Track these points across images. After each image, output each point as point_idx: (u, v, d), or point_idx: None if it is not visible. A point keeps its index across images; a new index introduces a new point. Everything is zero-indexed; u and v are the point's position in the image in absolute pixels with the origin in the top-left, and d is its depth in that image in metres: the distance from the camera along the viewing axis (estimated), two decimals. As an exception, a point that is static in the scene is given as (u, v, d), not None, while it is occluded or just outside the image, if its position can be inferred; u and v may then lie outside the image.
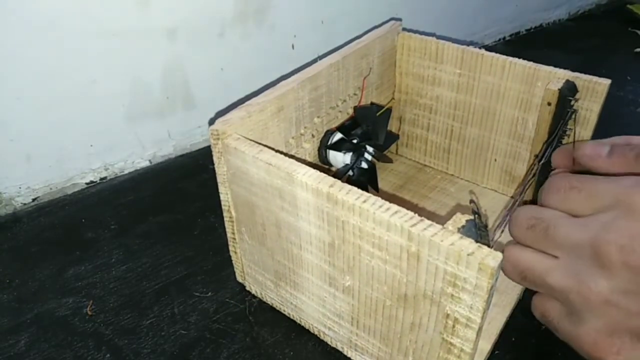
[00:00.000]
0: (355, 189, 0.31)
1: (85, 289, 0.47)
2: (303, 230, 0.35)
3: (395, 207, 0.29)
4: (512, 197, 0.55)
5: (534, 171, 0.46)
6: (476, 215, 0.29)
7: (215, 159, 0.39)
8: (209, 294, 0.46)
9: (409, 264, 0.29)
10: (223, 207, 0.42)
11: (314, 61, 0.48)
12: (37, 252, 0.52)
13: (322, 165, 0.52)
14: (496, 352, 0.40)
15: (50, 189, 0.59)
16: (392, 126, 0.60)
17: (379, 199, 0.30)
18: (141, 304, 0.46)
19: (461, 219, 0.28)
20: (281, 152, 0.35)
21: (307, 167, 0.33)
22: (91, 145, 0.60)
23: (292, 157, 0.34)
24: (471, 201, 0.52)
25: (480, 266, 0.25)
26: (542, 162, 0.45)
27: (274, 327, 0.43)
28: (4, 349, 0.42)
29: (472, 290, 0.27)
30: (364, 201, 0.30)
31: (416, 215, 0.28)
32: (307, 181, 0.32)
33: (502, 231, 0.36)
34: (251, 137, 0.38)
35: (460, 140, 0.56)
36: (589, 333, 0.32)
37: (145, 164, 0.65)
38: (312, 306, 0.40)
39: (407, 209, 0.29)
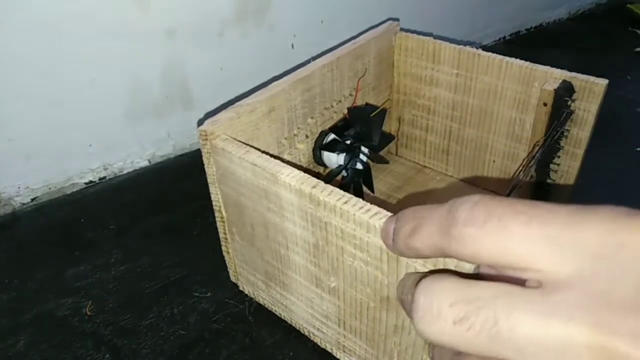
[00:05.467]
0: (337, 190, 0.31)
1: (84, 289, 0.47)
2: (289, 231, 0.35)
3: (375, 209, 0.29)
4: (500, 194, 0.55)
5: (524, 171, 0.46)
6: None
7: (204, 159, 0.39)
8: (208, 294, 0.46)
9: (389, 266, 0.29)
10: (214, 207, 0.42)
11: (308, 62, 0.48)
12: (36, 252, 0.52)
13: (317, 166, 0.52)
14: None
15: (50, 188, 0.59)
16: (391, 127, 0.60)
17: (360, 200, 0.30)
18: (140, 304, 0.46)
19: None
20: (272, 154, 0.35)
21: (292, 168, 0.33)
22: (90, 145, 0.60)
23: (282, 159, 0.34)
24: None
25: (457, 269, 0.25)
26: (533, 163, 0.45)
27: (274, 327, 0.43)
28: (3, 349, 0.42)
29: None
30: (345, 202, 0.30)
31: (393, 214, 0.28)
32: (291, 182, 0.32)
33: None
34: (241, 138, 0.39)
35: (459, 141, 0.56)
36: None
37: (144, 163, 0.65)
38: (301, 307, 0.40)
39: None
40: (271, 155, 0.35)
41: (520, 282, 0.19)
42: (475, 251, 0.19)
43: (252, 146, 0.36)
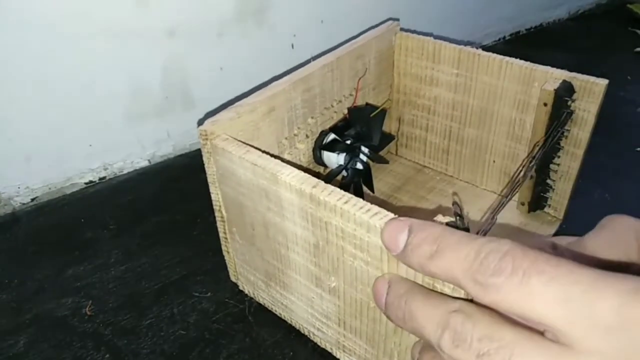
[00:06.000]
0: (337, 190, 0.31)
1: (84, 289, 0.47)
2: (289, 231, 0.35)
3: (375, 209, 0.29)
4: (499, 194, 0.55)
5: (524, 172, 0.46)
6: (457, 217, 0.29)
7: (204, 159, 0.39)
8: (208, 294, 0.46)
9: (389, 266, 0.29)
10: (214, 207, 0.42)
11: (308, 62, 0.48)
12: (36, 252, 0.52)
13: (317, 165, 0.52)
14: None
15: (50, 188, 0.59)
16: (391, 127, 0.60)
17: (361, 200, 0.30)
18: (140, 304, 0.46)
19: (442, 221, 0.28)
20: (273, 154, 0.35)
21: (292, 168, 0.33)
22: (90, 145, 0.60)
23: (282, 158, 0.34)
24: (454, 203, 0.53)
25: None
26: (533, 163, 0.45)
27: (274, 327, 0.43)
28: (3, 349, 0.42)
29: (450, 293, 0.27)
30: (345, 202, 0.30)
31: (397, 217, 0.28)
32: (291, 182, 0.32)
33: (485, 233, 0.36)
34: (242, 138, 0.39)
35: (459, 141, 0.56)
36: None
37: (144, 163, 0.65)
38: (301, 307, 0.40)
39: (404, 210, 0.29)
40: (271, 155, 0.35)
41: (539, 330, 0.20)
42: (495, 300, 0.21)
43: (252, 146, 0.36)
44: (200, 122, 0.38)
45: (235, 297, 0.46)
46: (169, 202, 0.58)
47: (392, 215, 0.28)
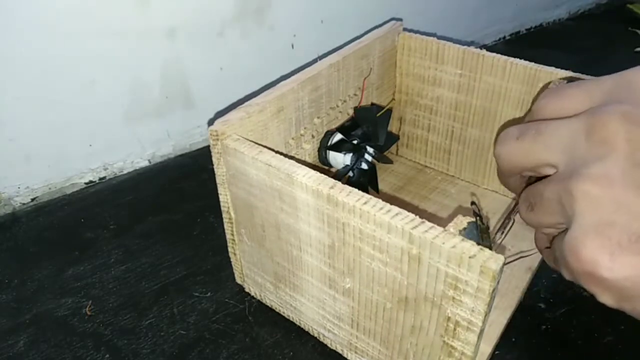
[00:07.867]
0: (355, 190, 0.31)
1: (84, 289, 0.47)
2: (303, 232, 0.35)
3: (396, 209, 0.29)
4: (513, 198, 0.55)
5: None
6: (478, 217, 0.29)
7: (214, 159, 0.39)
8: (209, 294, 0.46)
9: (409, 267, 0.29)
10: (222, 209, 0.41)
11: (314, 61, 0.48)
12: (36, 252, 0.51)
13: (322, 166, 0.52)
14: (497, 352, 0.40)
15: (50, 188, 0.59)
16: (393, 127, 0.60)
17: (380, 200, 0.30)
18: (140, 304, 0.46)
19: (463, 221, 0.28)
20: (281, 153, 0.35)
21: (307, 169, 0.33)
22: (90, 145, 0.60)
23: (291, 158, 0.34)
24: (472, 203, 0.52)
25: (482, 269, 0.25)
26: None
27: (274, 327, 0.43)
28: (3, 349, 0.42)
29: (473, 293, 0.26)
30: (365, 203, 0.29)
31: (417, 217, 0.28)
32: (307, 182, 0.32)
33: (505, 234, 0.36)
34: (251, 138, 0.38)
35: (461, 141, 0.55)
36: (577, 237, 0.26)
37: (144, 163, 0.65)
38: (312, 308, 0.40)
39: (408, 210, 0.28)
40: (282, 155, 0.35)
41: None
42: None
43: (262, 146, 0.36)
44: (211, 122, 0.38)
45: (235, 297, 0.46)
46: (169, 202, 0.58)
47: (412, 215, 0.28)
